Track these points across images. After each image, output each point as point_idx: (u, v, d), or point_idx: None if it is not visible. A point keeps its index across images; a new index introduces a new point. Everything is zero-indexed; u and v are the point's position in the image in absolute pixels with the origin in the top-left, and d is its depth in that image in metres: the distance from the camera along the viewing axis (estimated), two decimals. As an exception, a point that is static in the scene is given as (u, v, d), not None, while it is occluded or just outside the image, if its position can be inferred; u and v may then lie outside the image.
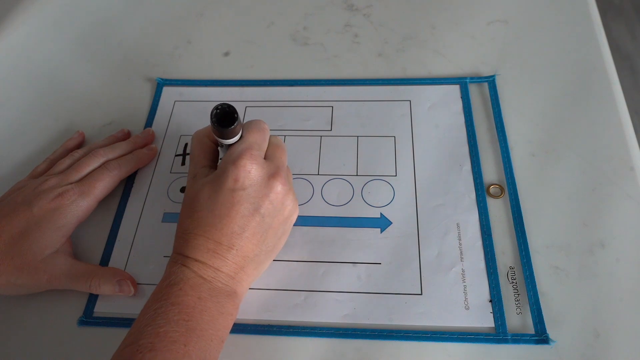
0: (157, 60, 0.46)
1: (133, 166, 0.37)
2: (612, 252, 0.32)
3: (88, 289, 0.32)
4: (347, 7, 0.49)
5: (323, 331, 0.30)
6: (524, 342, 0.29)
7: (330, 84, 0.42)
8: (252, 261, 0.29)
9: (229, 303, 0.28)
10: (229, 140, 0.29)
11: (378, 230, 0.34)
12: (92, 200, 0.34)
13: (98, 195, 0.35)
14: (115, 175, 0.36)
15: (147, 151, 0.39)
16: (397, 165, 0.37)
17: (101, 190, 0.35)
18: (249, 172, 0.28)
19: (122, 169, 0.36)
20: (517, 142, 0.37)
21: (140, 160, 0.38)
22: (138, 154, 0.38)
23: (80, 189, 0.34)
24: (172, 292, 0.26)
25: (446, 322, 0.30)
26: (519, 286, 0.31)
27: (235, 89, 0.43)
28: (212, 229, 0.27)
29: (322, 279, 0.32)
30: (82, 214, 0.34)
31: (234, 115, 0.27)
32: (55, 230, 0.32)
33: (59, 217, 0.32)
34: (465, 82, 0.41)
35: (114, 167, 0.36)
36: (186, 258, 0.27)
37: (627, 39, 1.06)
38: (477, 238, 0.33)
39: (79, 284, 0.32)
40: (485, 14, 0.46)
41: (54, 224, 0.32)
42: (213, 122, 0.27)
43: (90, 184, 0.35)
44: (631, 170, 0.35)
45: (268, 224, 0.29)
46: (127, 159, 0.37)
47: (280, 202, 0.29)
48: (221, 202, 0.27)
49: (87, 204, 0.34)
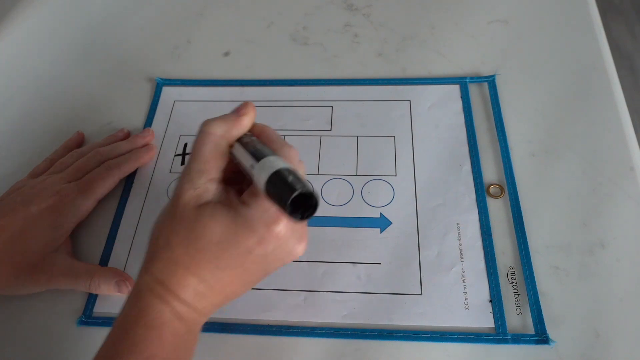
0: (156, 60, 0.46)
1: (132, 165, 0.37)
2: (612, 252, 0.32)
3: (87, 289, 0.32)
4: (347, 7, 0.49)
5: (323, 331, 0.30)
6: (524, 343, 0.29)
7: (330, 84, 0.42)
8: (230, 299, 0.26)
9: (195, 340, 0.25)
10: None
11: (378, 230, 0.34)
12: (91, 200, 0.34)
13: (97, 195, 0.35)
14: (114, 175, 0.36)
15: (147, 151, 0.38)
16: (397, 165, 0.37)
17: (100, 190, 0.35)
18: (279, 239, 0.23)
19: (121, 169, 0.36)
20: (517, 142, 0.37)
21: (139, 160, 0.38)
22: (137, 154, 0.38)
23: (80, 188, 0.34)
24: (147, 340, 0.22)
25: (446, 322, 0.30)
26: (519, 286, 0.31)
27: (235, 89, 0.43)
28: (210, 274, 0.23)
29: (322, 279, 0.32)
30: (81, 214, 0.34)
31: (315, 204, 0.21)
32: (54, 229, 0.32)
33: (57, 216, 0.32)
34: (465, 82, 0.41)
35: (113, 167, 0.36)
36: (170, 293, 0.23)
37: (627, 39, 1.06)
38: (477, 238, 0.33)
39: (79, 283, 0.32)
40: (485, 14, 0.46)
41: (53, 223, 0.32)
42: (287, 205, 0.21)
43: (90, 183, 0.34)
44: (631, 170, 0.35)
45: (266, 269, 0.25)
46: (127, 159, 0.37)
47: (290, 254, 0.25)
48: (233, 255, 0.23)
49: (86, 204, 0.34)
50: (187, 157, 0.39)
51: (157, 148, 0.40)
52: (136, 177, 0.38)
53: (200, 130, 0.26)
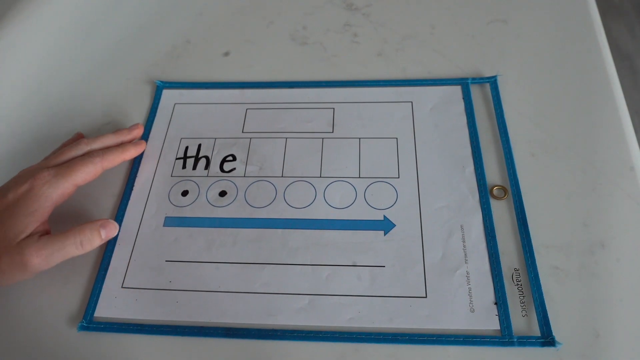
0: (155, 59, 0.46)
1: (117, 158, 0.36)
2: (612, 252, 0.32)
3: (81, 249, 0.32)
4: (347, 7, 0.48)
5: (327, 335, 0.30)
6: (530, 345, 0.29)
7: (331, 85, 0.42)
8: None
9: None
10: None
11: (381, 232, 0.34)
12: (69, 183, 0.33)
13: (76, 180, 0.34)
14: (96, 163, 0.35)
15: (134, 145, 0.38)
16: (400, 167, 0.37)
17: (80, 175, 0.34)
18: None
19: (105, 159, 0.35)
20: (517, 142, 0.37)
21: (125, 153, 0.37)
22: (124, 147, 0.37)
23: (56, 171, 0.33)
24: None
25: (451, 325, 0.30)
26: (524, 288, 0.31)
27: (236, 91, 0.43)
28: None
29: (326, 282, 0.32)
30: (56, 197, 0.32)
31: None
32: (28, 215, 0.31)
33: (32, 201, 0.31)
34: (467, 82, 0.41)
35: (96, 155, 0.35)
36: None
37: (627, 39, 1.06)
38: (481, 240, 0.33)
39: (68, 247, 0.31)
40: (485, 14, 0.46)
41: (27, 209, 0.31)
42: None
43: (69, 166, 0.33)
44: (631, 170, 0.35)
45: None
46: (112, 150, 0.36)
47: None
48: None
49: (62, 186, 0.33)
50: (189, 160, 0.39)
51: (145, 143, 0.39)
52: (137, 180, 0.38)
53: None
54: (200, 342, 0.31)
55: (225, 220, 0.35)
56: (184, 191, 0.37)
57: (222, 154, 0.39)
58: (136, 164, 0.39)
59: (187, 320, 0.31)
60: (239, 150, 0.39)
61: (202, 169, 0.38)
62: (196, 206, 0.36)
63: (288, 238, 0.34)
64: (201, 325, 0.31)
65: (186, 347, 0.30)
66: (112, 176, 0.38)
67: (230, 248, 0.34)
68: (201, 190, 0.37)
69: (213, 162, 0.38)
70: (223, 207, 0.36)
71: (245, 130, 0.40)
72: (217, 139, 0.40)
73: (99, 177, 0.38)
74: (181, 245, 0.34)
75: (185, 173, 0.38)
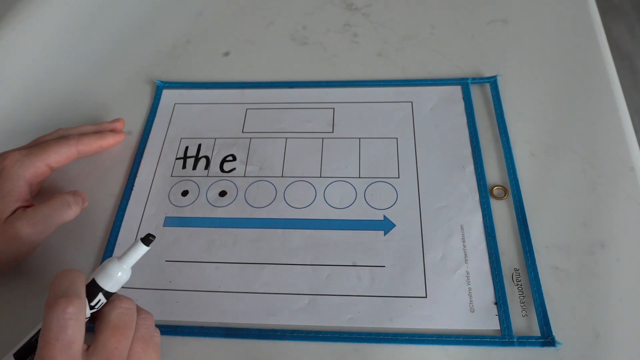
0: (156, 59, 0.46)
1: (94, 143, 0.36)
2: (612, 252, 0.32)
3: (68, 211, 0.32)
4: (347, 7, 0.48)
5: (327, 335, 0.30)
6: (530, 345, 0.29)
7: (331, 85, 0.42)
8: None
9: None
10: None
11: (381, 232, 0.34)
12: (40, 163, 0.33)
13: (48, 160, 0.33)
14: (72, 146, 0.34)
15: (113, 134, 0.38)
16: (400, 167, 0.37)
17: (53, 156, 0.33)
18: None
19: (81, 142, 0.35)
20: (517, 143, 0.37)
21: (103, 140, 0.37)
22: (102, 134, 0.37)
23: (27, 151, 0.33)
24: None
25: (451, 325, 0.30)
26: (524, 288, 0.31)
27: (236, 91, 0.43)
28: None
29: (326, 282, 0.32)
30: (29, 176, 0.32)
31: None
32: (3, 196, 0.31)
33: (4, 181, 0.31)
34: (467, 82, 0.41)
35: (72, 138, 0.35)
36: None
37: (627, 39, 1.06)
38: (481, 240, 0.33)
39: (56, 212, 0.31)
40: (484, 14, 0.46)
41: (1, 191, 0.31)
42: None
43: (41, 147, 0.33)
44: (631, 170, 0.35)
45: None
46: (89, 135, 0.36)
47: None
48: None
49: (33, 165, 0.32)
50: (189, 160, 0.39)
51: (125, 134, 0.39)
52: (137, 180, 0.38)
53: None
54: (200, 342, 0.31)
55: (225, 220, 0.35)
56: (184, 191, 0.37)
57: (222, 154, 0.39)
58: (136, 164, 0.39)
59: (187, 320, 0.31)
60: (239, 150, 0.39)
61: (202, 169, 0.38)
62: (196, 206, 0.36)
63: (288, 238, 0.34)
64: (201, 325, 0.31)
65: (186, 347, 0.30)
66: (112, 176, 0.38)
67: (230, 248, 0.34)
68: (201, 190, 0.37)
69: (213, 162, 0.38)
70: (223, 207, 0.36)
71: (245, 130, 0.40)
72: (217, 139, 0.40)
73: (99, 177, 0.38)
74: (181, 245, 0.34)
75: (185, 173, 0.38)
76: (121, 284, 0.26)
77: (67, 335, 0.22)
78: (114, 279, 0.26)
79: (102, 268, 0.26)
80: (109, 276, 0.26)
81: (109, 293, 0.26)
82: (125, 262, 0.26)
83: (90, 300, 0.25)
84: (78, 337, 0.22)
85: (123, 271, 0.26)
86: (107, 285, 0.26)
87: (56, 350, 0.21)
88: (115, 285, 0.26)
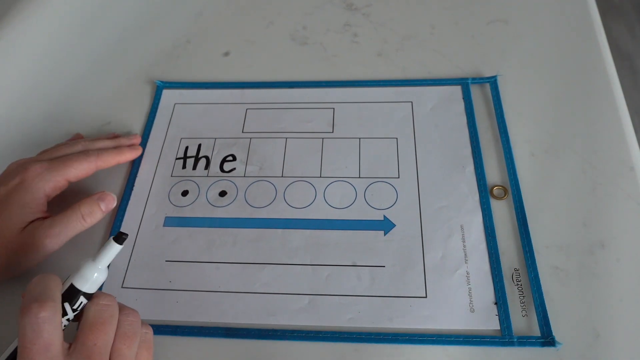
0: (156, 59, 0.46)
1: (113, 158, 0.36)
2: (612, 252, 0.32)
3: (84, 223, 0.32)
4: (347, 7, 0.48)
5: (327, 335, 0.30)
6: (530, 345, 0.29)
7: (331, 85, 0.42)
8: None
9: None
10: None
11: (381, 232, 0.34)
12: (61, 177, 0.33)
13: (68, 175, 0.34)
14: (91, 161, 0.35)
15: (131, 149, 0.38)
16: (400, 167, 0.37)
17: (73, 171, 0.34)
18: None
19: (100, 157, 0.35)
20: (517, 143, 0.37)
21: (122, 155, 0.37)
22: (120, 149, 0.37)
23: (49, 164, 0.33)
24: None
25: (451, 325, 0.30)
26: (524, 288, 0.31)
27: (236, 91, 0.43)
28: None
29: (326, 282, 0.32)
30: (48, 189, 0.33)
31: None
32: (22, 207, 0.31)
33: (24, 193, 0.31)
34: (467, 82, 0.41)
35: (92, 154, 0.35)
36: None
37: (627, 39, 1.06)
38: (481, 240, 0.33)
39: (72, 225, 0.32)
40: (485, 14, 0.46)
41: (20, 201, 0.31)
42: None
43: (62, 161, 0.34)
44: (631, 170, 0.35)
45: None
46: (108, 151, 0.36)
47: None
48: None
49: (54, 179, 0.33)
50: (189, 160, 0.39)
51: (142, 149, 0.39)
52: (137, 180, 0.38)
53: None
54: (200, 342, 0.31)
55: (225, 220, 0.35)
56: (184, 191, 0.37)
57: (222, 154, 0.39)
58: (136, 164, 0.39)
59: (187, 320, 0.31)
60: (239, 150, 0.39)
61: (202, 169, 0.38)
62: (196, 206, 0.36)
63: (288, 238, 0.34)
64: (201, 325, 0.31)
65: (186, 347, 0.30)
66: (112, 176, 0.38)
67: (230, 248, 0.34)
68: (201, 190, 0.37)
69: (213, 162, 0.38)
70: (223, 207, 0.36)
71: (245, 130, 0.40)
72: (217, 139, 0.40)
73: (100, 177, 0.38)
74: (181, 245, 0.34)
75: (185, 173, 0.38)
76: (98, 284, 0.26)
77: (42, 339, 0.22)
78: (90, 280, 0.26)
79: (78, 270, 0.26)
80: (85, 278, 0.26)
81: (89, 294, 0.26)
82: (100, 262, 0.26)
83: (72, 302, 0.25)
84: (55, 339, 0.22)
85: (99, 272, 0.26)
86: (84, 286, 0.26)
87: (33, 354, 0.21)
88: (93, 286, 0.26)
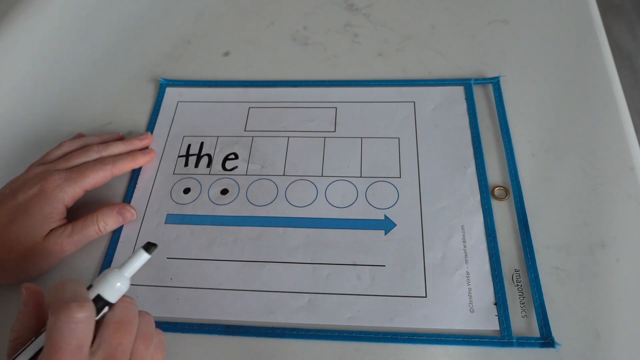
0: (156, 60, 0.46)
1: (128, 165, 0.37)
2: (612, 252, 0.32)
3: (98, 232, 0.34)
4: (347, 7, 0.48)
5: (327, 334, 0.30)
6: (530, 346, 0.29)
7: (333, 85, 0.42)
8: None
9: None
10: None
11: (382, 232, 0.34)
12: (78, 188, 0.34)
13: (86, 185, 0.34)
14: (107, 170, 0.35)
15: (144, 153, 0.38)
16: (402, 167, 0.37)
17: (90, 181, 0.34)
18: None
19: (115, 166, 0.36)
20: (519, 143, 0.37)
21: (136, 161, 0.37)
22: (135, 154, 0.37)
23: (67, 175, 0.34)
24: None
25: (451, 325, 0.30)
26: (524, 289, 0.31)
27: (239, 89, 0.43)
28: None
29: (326, 281, 0.32)
30: (68, 200, 0.33)
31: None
32: (43, 216, 0.32)
33: (44, 203, 0.32)
34: (470, 83, 0.41)
35: (107, 162, 0.35)
36: None
37: (628, 39, 1.06)
38: (482, 240, 0.33)
39: (88, 233, 0.33)
40: (485, 14, 0.46)
41: (40, 210, 0.32)
42: None
43: (80, 172, 0.34)
44: (631, 170, 0.35)
45: None
46: (123, 158, 0.37)
47: None
48: None
49: (72, 190, 0.33)
50: (191, 157, 0.39)
51: (155, 152, 0.39)
52: (139, 178, 0.38)
53: None
54: (200, 339, 0.31)
55: (227, 218, 0.35)
56: (185, 189, 0.37)
57: (224, 152, 0.39)
58: (138, 161, 0.39)
59: (188, 317, 0.31)
60: (241, 148, 0.39)
61: (204, 167, 0.38)
62: (198, 204, 0.36)
63: (289, 237, 0.34)
64: (201, 322, 0.31)
65: (186, 344, 0.31)
66: (114, 174, 0.38)
67: (231, 246, 0.34)
68: (203, 188, 0.37)
69: (215, 160, 0.39)
70: (224, 205, 0.36)
71: (247, 129, 0.40)
72: (220, 137, 0.40)
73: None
74: (182, 243, 0.34)
75: (188, 171, 0.38)
76: (122, 294, 0.26)
77: (77, 339, 0.22)
78: (114, 289, 0.25)
79: (105, 279, 0.25)
80: (111, 287, 0.25)
81: (112, 303, 0.25)
82: (126, 270, 0.26)
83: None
84: (88, 340, 0.22)
85: (124, 281, 0.26)
86: (108, 294, 0.25)
87: (68, 354, 0.21)
88: (116, 295, 0.25)
